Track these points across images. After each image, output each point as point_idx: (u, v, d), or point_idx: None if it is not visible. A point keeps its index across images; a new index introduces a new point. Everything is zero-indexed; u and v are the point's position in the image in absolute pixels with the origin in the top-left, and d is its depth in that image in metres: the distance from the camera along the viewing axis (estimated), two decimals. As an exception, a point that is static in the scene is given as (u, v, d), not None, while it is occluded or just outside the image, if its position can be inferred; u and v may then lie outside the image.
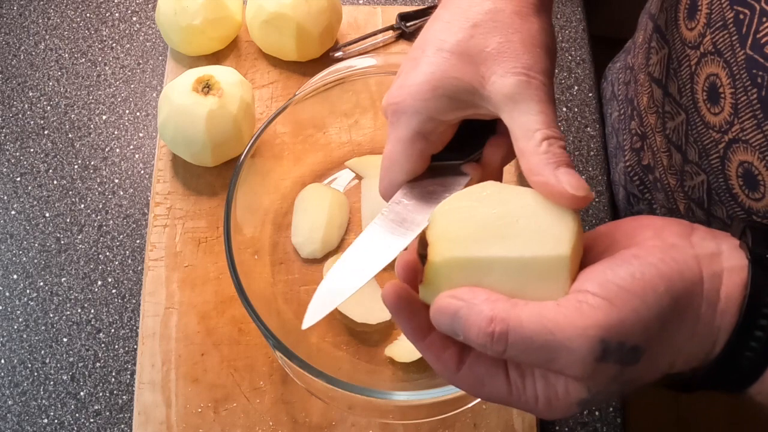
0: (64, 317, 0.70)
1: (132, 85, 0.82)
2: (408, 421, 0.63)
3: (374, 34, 0.82)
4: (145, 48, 0.85)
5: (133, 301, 0.71)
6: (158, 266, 0.70)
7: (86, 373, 0.68)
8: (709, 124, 0.52)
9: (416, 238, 0.43)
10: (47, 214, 0.75)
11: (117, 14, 0.87)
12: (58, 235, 0.74)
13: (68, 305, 0.71)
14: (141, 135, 0.79)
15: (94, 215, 0.75)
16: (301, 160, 0.72)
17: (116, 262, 0.73)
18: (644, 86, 0.64)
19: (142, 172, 0.77)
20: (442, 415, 0.62)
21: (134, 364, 0.67)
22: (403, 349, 0.64)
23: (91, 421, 0.66)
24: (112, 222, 0.75)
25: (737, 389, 0.39)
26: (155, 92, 0.82)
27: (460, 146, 0.46)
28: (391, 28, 0.83)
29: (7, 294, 0.72)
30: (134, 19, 0.86)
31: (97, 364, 0.68)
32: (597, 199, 0.76)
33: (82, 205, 0.76)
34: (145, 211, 0.75)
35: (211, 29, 0.77)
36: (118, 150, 0.79)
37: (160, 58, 0.84)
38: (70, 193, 0.76)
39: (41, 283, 0.72)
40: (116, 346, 0.69)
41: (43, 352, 0.69)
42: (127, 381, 0.68)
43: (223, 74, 0.71)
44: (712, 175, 0.53)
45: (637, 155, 0.68)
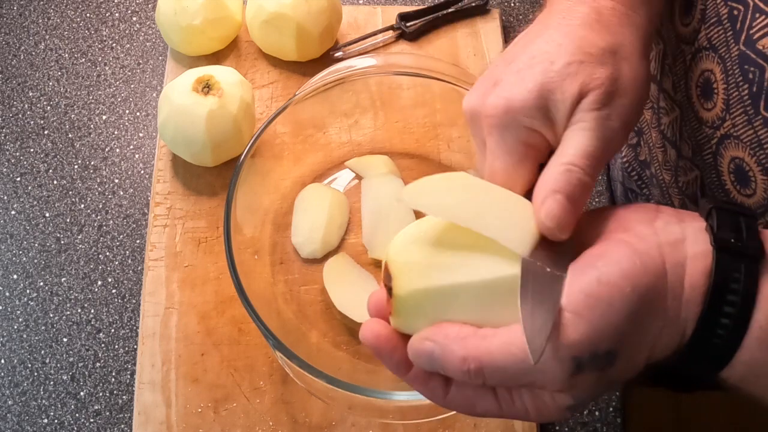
0: (64, 317, 0.70)
1: (132, 85, 0.82)
2: (408, 421, 0.63)
3: (374, 34, 0.82)
4: (145, 48, 0.85)
5: (133, 301, 0.71)
6: (158, 266, 0.70)
7: (86, 373, 0.68)
8: (702, 120, 0.52)
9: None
10: (47, 214, 0.75)
11: (117, 14, 0.87)
12: (58, 235, 0.74)
13: (68, 305, 0.71)
14: (141, 135, 0.79)
15: (94, 215, 0.75)
16: (301, 160, 0.72)
17: (116, 262, 0.73)
18: None
19: (142, 172, 0.77)
20: (442, 415, 0.62)
21: (134, 364, 0.67)
22: (403, 349, 0.64)
23: (91, 421, 0.66)
24: (112, 222, 0.75)
25: (707, 375, 0.39)
26: (155, 92, 0.82)
27: None
28: (391, 28, 0.83)
29: (7, 294, 0.72)
30: (134, 19, 0.86)
31: (97, 364, 0.68)
32: (597, 199, 0.76)
33: (82, 205, 0.76)
34: (145, 211, 0.75)
35: (211, 29, 0.77)
36: (118, 150, 0.79)
37: (160, 58, 0.84)
38: (70, 193, 0.76)
39: (41, 283, 0.72)
40: (116, 346, 0.69)
41: (43, 352, 0.69)
42: (127, 381, 0.68)
43: (223, 74, 0.71)
44: (705, 171, 0.54)
45: (634, 151, 0.69)
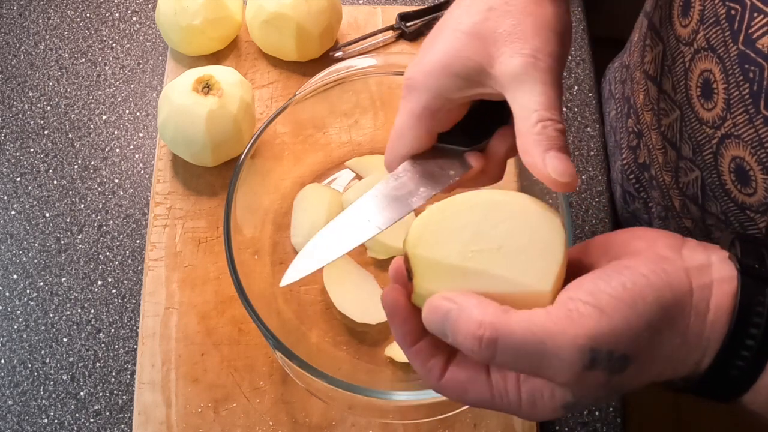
0: (64, 317, 0.70)
1: (132, 85, 0.82)
2: (408, 421, 0.63)
3: (374, 34, 0.82)
4: (145, 48, 0.85)
5: (133, 301, 0.71)
6: (158, 266, 0.70)
7: (86, 373, 0.68)
8: (703, 120, 0.52)
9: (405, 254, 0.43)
10: (47, 214, 0.75)
11: (117, 14, 0.87)
12: (58, 235, 0.74)
13: (68, 305, 0.71)
14: (141, 135, 0.79)
15: (94, 215, 0.75)
16: (301, 160, 0.72)
17: (116, 262, 0.73)
18: (640, 84, 0.64)
19: (142, 172, 0.77)
20: (442, 415, 0.62)
21: (134, 364, 0.67)
22: (403, 349, 0.64)
23: (91, 421, 0.66)
24: (112, 222, 0.75)
25: (729, 398, 0.39)
26: (155, 92, 0.82)
27: (470, 133, 0.47)
28: (391, 28, 0.83)
29: (7, 294, 0.72)
30: (134, 19, 0.86)
31: (97, 364, 0.68)
32: (597, 199, 0.76)
33: (82, 205, 0.76)
34: (145, 211, 0.75)
35: (211, 29, 0.77)
36: (118, 150, 0.79)
37: (160, 58, 0.84)
38: (70, 193, 0.76)
39: (41, 283, 0.72)
40: (116, 346, 0.69)
41: (43, 352, 0.69)
42: (127, 381, 0.68)
43: (223, 74, 0.71)
44: (705, 171, 0.54)
45: (634, 153, 0.68)
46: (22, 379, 0.68)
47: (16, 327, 0.70)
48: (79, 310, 0.71)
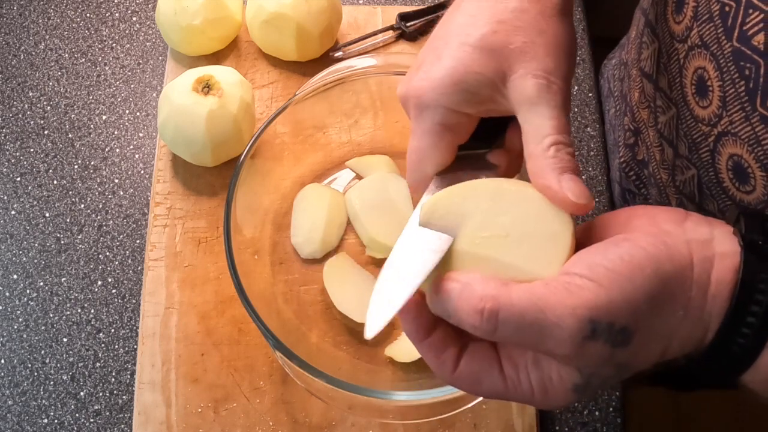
0: (64, 317, 0.70)
1: (132, 85, 0.82)
2: (408, 421, 0.63)
3: (374, 34, 0.82)
4: (145, 48, 0.85)
5: (133, 301, 0.71)
6: (158, 266, 0.70)
7: (86, 373, 0.68)
8: (698, 118, 0.52)
9: None
10: (47, 214, 0.75)
11: (117, 14, 0.87)
12: (58, 235, 0.74)
13: (68, 305, 0.71)
14: (141, 135, 0.79)
15: (94, 215, 0.75)
16: (301, 160, 0.72)
17: (116, 262, 0.73)
18: (636, 81, 0.64)
19: (142, 172, 0.77)
20: (442, 415, 0.62)
21: (134, 364, 0.67)
22: (403, 349, 0.64)
23: (91, 421, 0.66)
24: (112, 222, 0.75)
25: (731, 376, 0.39)
26: (155, 92, 0.82)
27: (483, 132, 0.46)
28: (391, 28, 0.83)
29: (7, 294, 0.72)
30: (134, 19, 0.86)
31: (97, 364, 0.68)
32: (597, 199, 0.76)
33: (82, 205, 0.76)
34: (145, 211, 0.75)
35: (211, 29, 0.77)
36: (118, 150, 0.79)
37: (160, 58, 0.84)
38: (70, 193, 0.76)
39: (41, 283, 0.72)
40: (116, 346, 0.69)
41: (43, 352, 0.69)
42: (127, 381, 0.68)
43: (223, 74, 0.71)
44: (702, 169, 0.54)
45: (632, 151, 0.69)
46: (22, 379, 0.68)
47: (16, 327, 0.70)
48: (79, 310, 0.71)
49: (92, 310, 0.71)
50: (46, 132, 0.80)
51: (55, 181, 0.77)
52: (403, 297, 0.38)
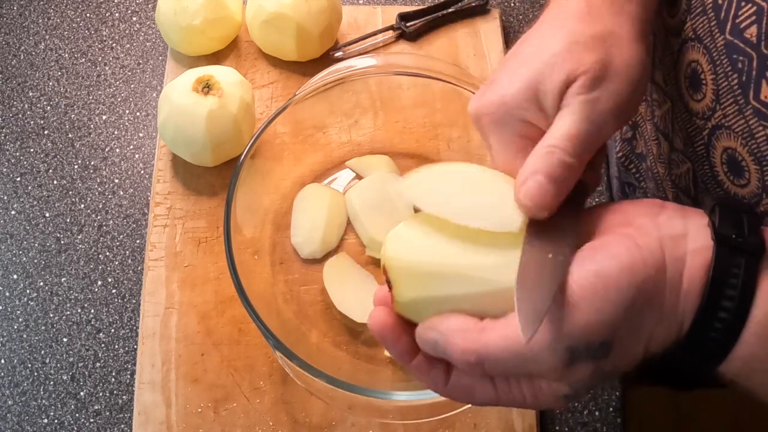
0: (64, 317, 0.70)
1: (132, 85, 0.82)
2: (408, 421, 0.63)
3: (374, 34, 0.82)
4: (145, 48, 0.85)
5: (133, 301, 0.71)
6: (158, 266, 0.70)
7: (86, 373, 0.68)
8: (693, 111, 0.52)
9: None
10: (47, 214, 0.75)
11: (117, 14, 0.87)
12: (58, 235, 0.74)
13: (68, 305, 0.71)
14: (141, 135, 0.79)
15: (94, 215, 0.75)
16: (301, 160, 0.72)
17: (116, 262, 0.73)
18: None
19: (142, 172, 0.77)
20: (442, 415, 0.62)
21: (134, 364, 0.67)
22: (403, 349, 0.64)
23: (91, 421, 0.66)
24: (112, 222, 0.75)
25: (705, 370, 0.39)
26: (155, 92, 0.82)
27: None
28: (391, 28, 0.83)
29: (7, 294, 0.72)
30: (134, 19, 0.86)
31: (97, 364, 0.68)
32: (597, 199, 0.76)
33: (82, 205, 0.76)
34: (145, 211, 0.75)
35: (211, 29, 0.77)
36: (118, 150, 0.79)
37: (160, 58, 0.84)
38: (70, 193, 0.76)
39: (41, 283, 0.72)
40: (116, 346, 0.69)
41: (43, 352, 0.69)
42: (127, 381, 0.68)
43: (223, 74, 0.71)
44: (697, 163, 0.54)
45: (629, 144, 0.69)
46: (22, 379, 0.68)
47: (16, 327, 0.70)
48: (79, 310, 0.71)
49: (92, 310, 0.71)
50: (46, 132, 0.80)
51: (55, 181, 0.77)
52: (548, 297, 0.37)
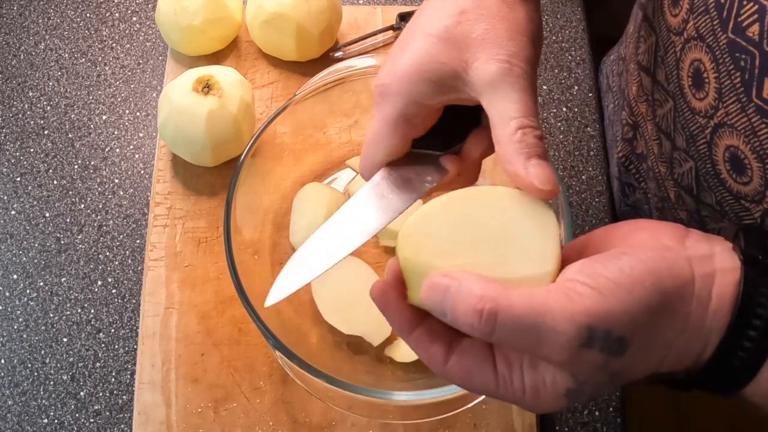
0: (64, 317, 0.70)
1: (132, 85, 0.82)
2: (408, 421, 0.63)
3: (374, 34, 0.82)
4: (145, 48, 0.85)
5: (133, 301, 0.71)
6: (158, 266, 0.70)
7: (86, 373, 0.68)
8: (695, 110, 0.52)
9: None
10: (47, 214, 0.75)
11: (117, 14, 0.87)
12: (58, 235, 0.74)
13: (68, 305, 0.71)
14: (141, 135, 0.79)
15: (94, 215, 0.75)
16: (301, 160, 0.72)
17: (116, 262, 0.73)
18: (634, 75, 0.65)
19: (142, 172, 0.77)
20: (442, 415, 0.62)
21: (134, 364, 0.67)
22: (403, 349, 0.64)
23: (91, 421, 0.66)
24: (112, 222, 0.75)
25: (731, 390, 0.39)
26: (155, 92, 0.82)
27: (443, 136, 0.47)
28: (391, 28, 0.83)
29: (7, 294, 0.72)
30: (134, 19, 0.86)
31: (97, 364, 0.68)
32: (597, 199, 0.76)
33: (82, 205, 0.76)
34: (145, 211, 0.75)
35: (211, 29, 0.77)
36: (118, 150, 0.79)
37: (160, 58, 0.84)
38: (70, 193, 0.76)
39: (41, 283, 0.72)
40: (116, 346, 0.69)
41: (43, 352, 0.69)
42: (127, 381, 0.68)
43: (223, 74, 0.71)
44: (699, 162, 0.54)
45: (630, 145, 0.69)
46: (22, 379, 0.68)
47: (16, 327, 0.70)
48: (79, 310, 0.71)
49: (92, 310, 0.71)
50: (46, 132, 0.80)
51: (55, 181, 0.77)
52: (326, 265, 0.40)
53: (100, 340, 0.69)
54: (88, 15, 0.87)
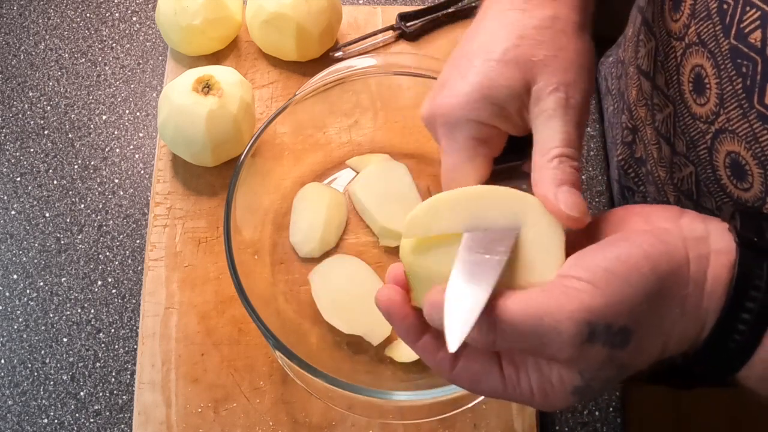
0: (64, 317, 0.70)
1: (132, 85, 0.82)
2: (408, 421, 0.63)
3: (374, 34, 0.82)
4: (145, 48, 0.85)
5: (133, 301, 0.71)
6: (158, 266, 0.70)
7: (86, 373, 0.68)
8: (696, 115, 0.52)
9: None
10: (47, 214, 0.75)
11: (117, 14, 0.87)
12: (58, 235, 0.74)
13: (68, 305, 0.71)
14: (141, 135, 0.79)
15: (94, 215, 0.75)
16: (301, 160, 0.72)
17: (116, 262, 0.73)
18: (633, 79, 0.65)
19: (142, 172, 0.77)
20: (442, 415, 0.62)
21: (134, 364, 0.67)
22: (403, 349, 0.64)
23: (91, 421, 0.66)
24: (112, 222, 0.75)
25: (727, 373, 0.39)
26: (155, 92, 0.82)
27: (516, 145, 0.46)
28: (391, 28, 0.83)
29: (7, 294, 0.72)
30: (134, 19, 0.86)
31: (97, 364, 0.68)
32: (597, 199, 0.76)
33: (82, 205, 0.76)
34: (145, 211, 0.75)
35: (211, 29, 0.77)
36: (118, 150, 0.79)
37: (160, 58, 0.84)
38: (70, 193, 0.76)
39: (41, 283, 0.72)
40: (116, 346, 0.69)
41: (43, 352, 0.69)
42: (127, 381, 0.68)
43: (223, 74, 0.71)
44: (700, 167, 0.54)
45: (630, 148, 0.69)
46: (22, 379, 0.68)
47: (16, 327, 0.70)
48: (79, 310, 0.71)
49: (92, 310, 0.71)
50: (46, 132, 0.80)
51: (55, 181, 0.77)
52: (481, 301, 0.36)
53: (100, 340, 0.69)
54: (88, 15, 0.87)
